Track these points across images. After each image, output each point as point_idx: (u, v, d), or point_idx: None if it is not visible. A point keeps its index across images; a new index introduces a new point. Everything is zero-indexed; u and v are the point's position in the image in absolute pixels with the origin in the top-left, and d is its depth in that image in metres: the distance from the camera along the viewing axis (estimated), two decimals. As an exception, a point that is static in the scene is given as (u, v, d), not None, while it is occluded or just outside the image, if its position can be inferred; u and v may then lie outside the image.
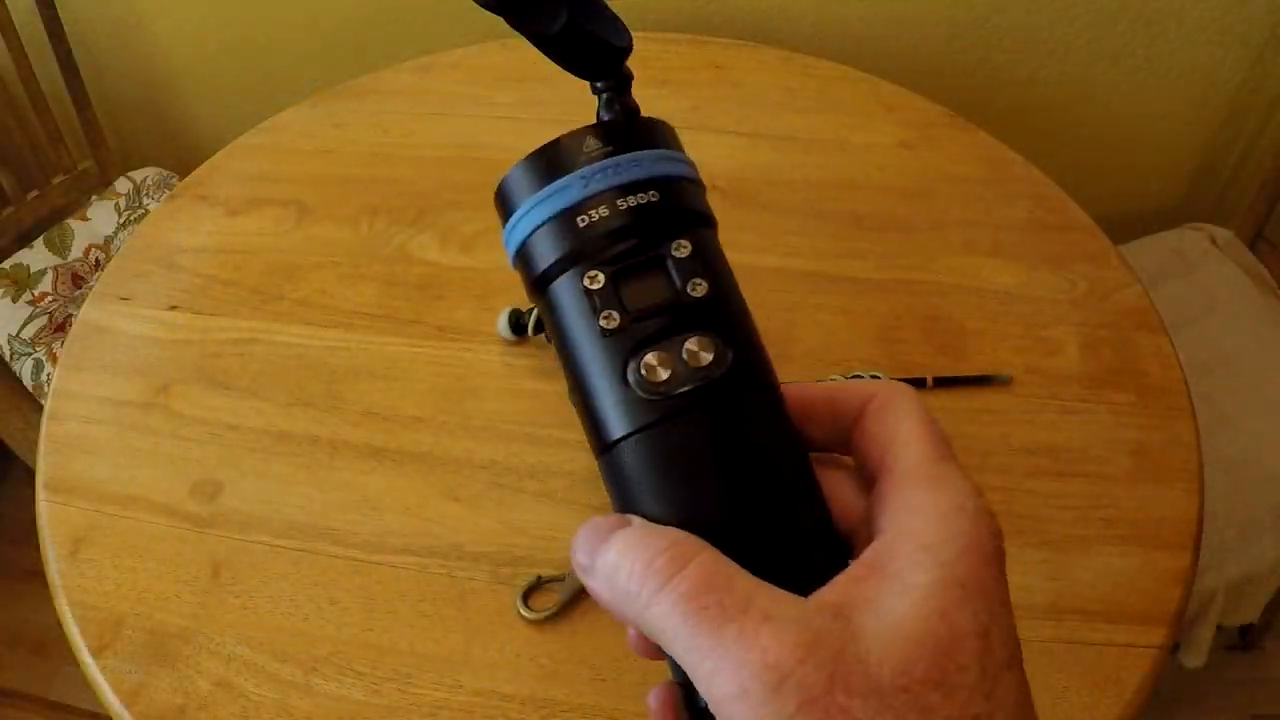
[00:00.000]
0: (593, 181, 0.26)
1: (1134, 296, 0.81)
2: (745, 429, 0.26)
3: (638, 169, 0.26)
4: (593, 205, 0.26)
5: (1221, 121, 1.30)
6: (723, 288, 0.27)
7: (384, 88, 1.07)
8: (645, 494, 0.26)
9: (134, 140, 1.56)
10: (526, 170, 0.27)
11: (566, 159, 0.27)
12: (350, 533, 0.67)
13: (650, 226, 0.26)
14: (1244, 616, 1.06)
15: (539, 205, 0.26)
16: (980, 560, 0.23)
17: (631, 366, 0.25)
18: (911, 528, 0.23)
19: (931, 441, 0.26)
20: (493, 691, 0.59)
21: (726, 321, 0.26)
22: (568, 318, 0.26)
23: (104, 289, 0.86)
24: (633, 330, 0.26)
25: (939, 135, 0.98)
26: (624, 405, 0.26)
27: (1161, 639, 0.61)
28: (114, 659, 0.61)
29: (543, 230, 0.27)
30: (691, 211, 0.27)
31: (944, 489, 0.24)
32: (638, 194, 0.26)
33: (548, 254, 0.26)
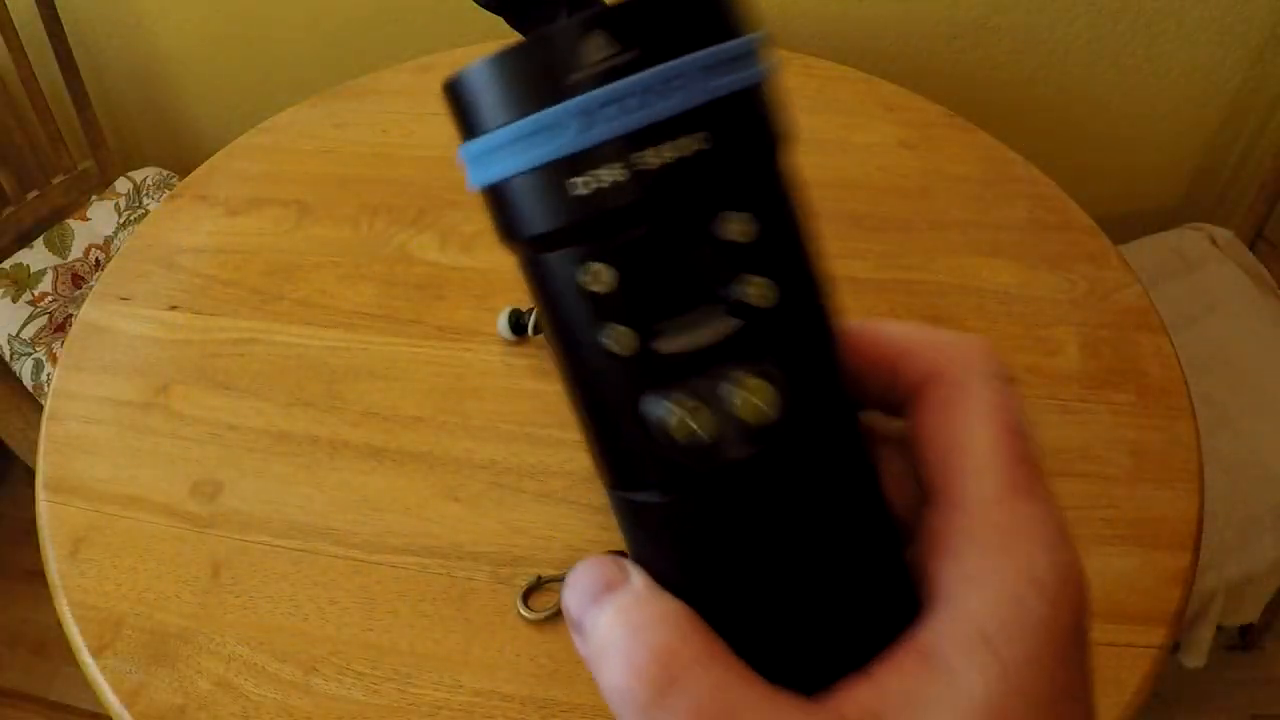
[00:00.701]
0: (599, 119, 0.16)
1: (1134, 296, 0.81)
2: (799, 501, 0.18)
3: (680, 93, 0.17)
4: (597, 161, 0.17)
5: (1221, 121, 1.30)
6: (799, 281, 0.18)
7: (384, 88, 1.07)
8: (652, 554, 0.19)
9: (134, 140, 1.56)
10: (499, 73, 0.17)
11: (560, 69, 0.17)
12: (350, 533, 0.67)
13: (695, 193, 0.17)
14: (1244, 616, 1.06)
15: (514, 144, 0.17)
16: (1055, 659, 0.18)
17: (650, 406, 0.18)
18: (970, 607, 0.18)
19: (1012, 466, 0.19)
20: (493, 691, 0.59)
21: (801, 339, 0.18)
22: (557, 316, 0.18)
23: (104, 289, 0.86)
24: (653, 360, 0.18)
25: (939, 135, 0.98)
26: (635, 456, 0.18)
27: (1161, 639, 0.61)
28: (114, 659, 0.61)
29: (519, 181, 0.18)
30: (761, 152, 0.18)
31: (1016, 551, 0.19)
32: (674, 140, 0.17)
33: (526, 222, 0.18)
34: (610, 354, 0.18)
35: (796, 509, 0.19)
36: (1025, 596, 0.18)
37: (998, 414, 0.20)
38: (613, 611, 0.19)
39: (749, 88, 0.17)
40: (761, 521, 0.18)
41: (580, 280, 0.18)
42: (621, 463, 0.19)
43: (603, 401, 0.19)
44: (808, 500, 0.19)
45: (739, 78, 0.17)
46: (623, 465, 0.19)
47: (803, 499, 0.19)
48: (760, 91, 0.18)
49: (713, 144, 0.17)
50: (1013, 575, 0.18)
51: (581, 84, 0.17)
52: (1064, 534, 0.19)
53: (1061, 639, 0.18)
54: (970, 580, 0.19)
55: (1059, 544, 0.19)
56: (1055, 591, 0.18)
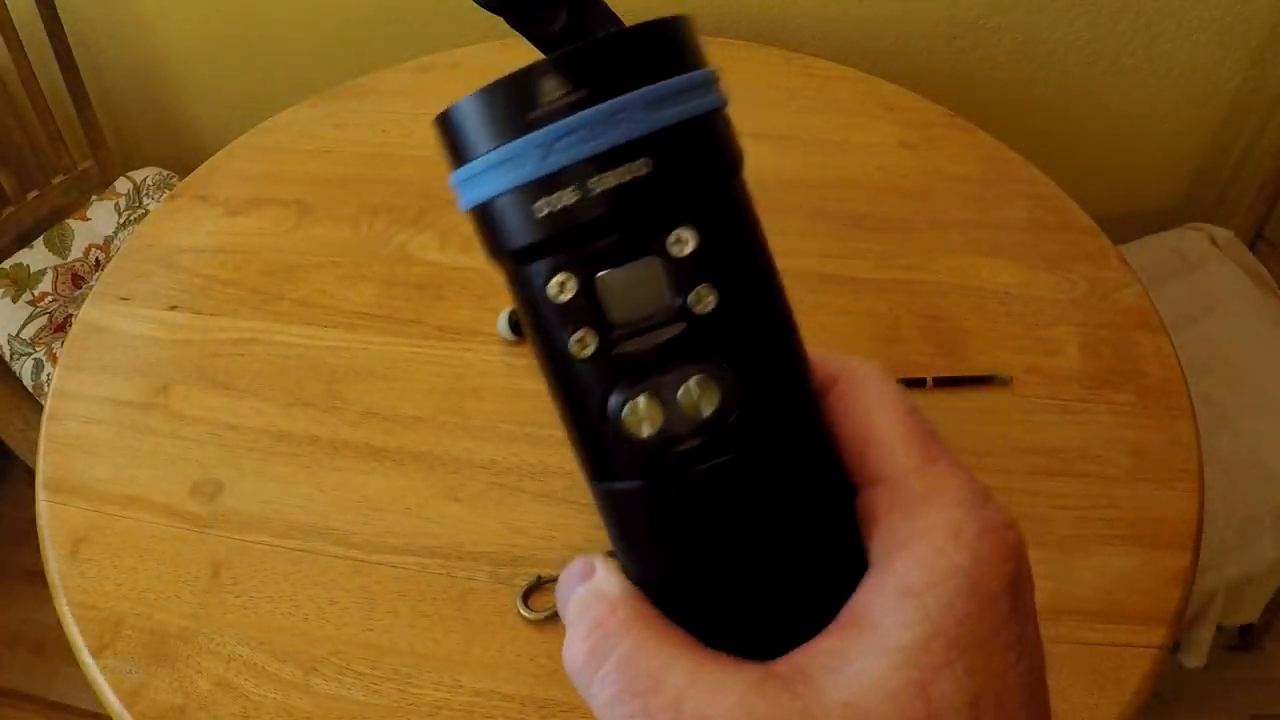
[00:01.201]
0: (554, 151, 0.19)
1: (1134, 296, 0.81)
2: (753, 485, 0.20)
3: (621, 125, 0.19)
4: (556, 185, 0.19)
5: (1221, 121, 1.30)
6: (742, 288, 0.20)
7: (384, 88, 1.07)
8: (625, 540, 0.22)
9: (134, 140, 1.56)
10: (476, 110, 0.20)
11: (522, 106, 0.19)
12: (350, 533, 0.67)
13: (638, 214, 0.19)
14: (1244, 616, 1.06)
15: (489, 171, 0.20)
16: (980, 603, 0.19)
17: (613, 403, 0.20)
18: (896, 567, 0.19)
19: (918, 439, 0.21)
20: (493, 691, 0.59)
21: (745, 339, 0.20)
22: (533, 324, 0.21)
23: (104, 289, 0.86)
24: (613, 360, 0.20)
25: (939, 135, 0.98)
26: (599, 448, 0.21)
27: (1161, 639, 0.61)
28: (114, 659, 0.61)
29: (495, 204, 0.20)
30: (702, 176, 0.20)
31: (936, 510, 0.20)
32: (620, 166, 0.19)
33: (504, 237, 0.20)
34: (574, 357, 0.20)
35: (750, 492, 0.20)
36: (945, 548, 0.19)
37: (895, 400, 0.22)
38: (574, 599, 0.21)
39: (687, 120, 0.20)
40: (718, 506, 0.20)
41: (548, 290, 0.20)
42: (595, 455, 0.21)
43: (574, 399, 0.21)
44: (761, 484, 0.20)
45: (677, 111, 0.19)
46: (596, 457, 0.21)
47: (756, 483, 0.20)
48: (699, 122, 0.20)
49: (654, 168, 0.19)
50: (934, 532, 0.19)
51: (540, 120, 0.19)
52: (983, 494, 0.20)
53: (986, 586, 0.19)
54: (897, 544, 0.20)
55: (977, 501, 0.20)
56: (974, 540, 0.19)
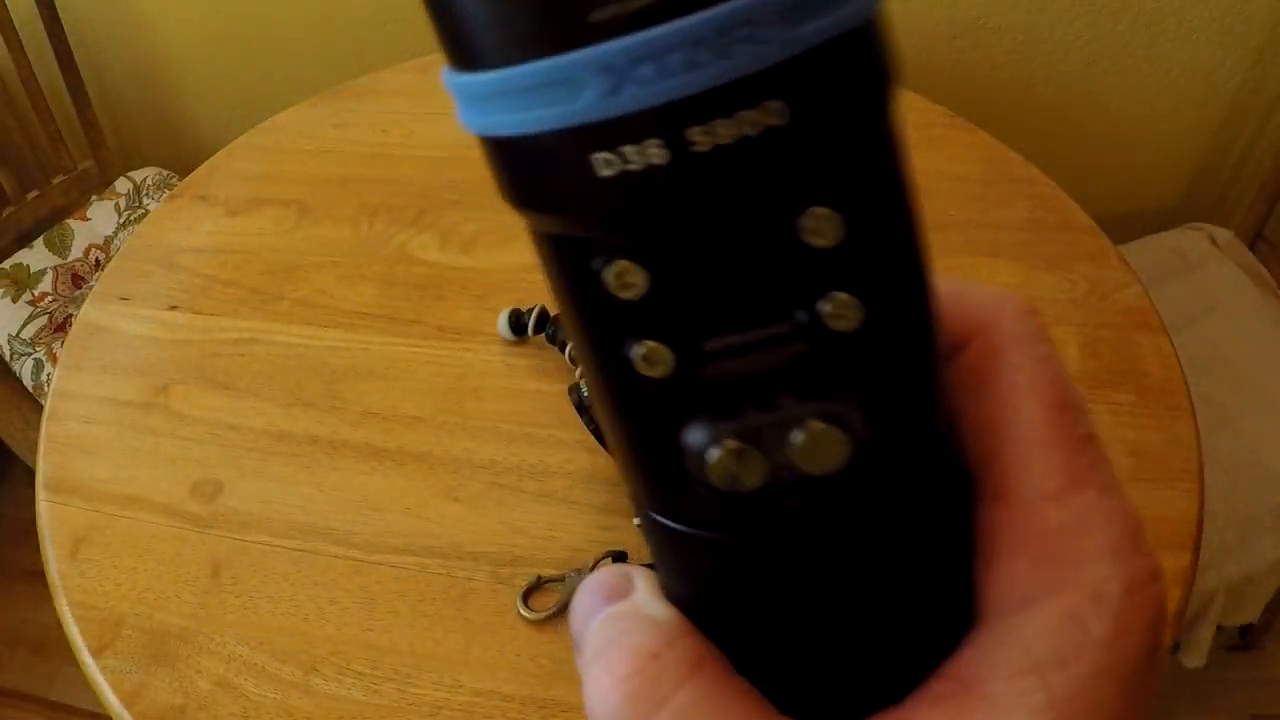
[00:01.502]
0: (629, 81, 0.12)
1: (1134, 296, 0.81)
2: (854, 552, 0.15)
3: (748, 48, 0.11)
4: (627, 135, 0.12)
5: (1221, 121, 1.30)
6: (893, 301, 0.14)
7: (384, 88, 1.07)
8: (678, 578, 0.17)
9: (134, 140, 1.56)
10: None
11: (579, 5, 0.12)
12: (350, 533, 0.67)
13: (761, 187, 0.12)
14: (1244, 616, 1.06)
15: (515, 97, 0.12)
16: (1116, 688, 0.15)
17: (692, 438, 0.14)
18: (1020, 629, 0.15)
19: (1062, 452, 0.16)
20: (493, 691, 0.59)
21: (886, 373, 0.14)
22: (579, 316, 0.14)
23: (104, 289, 0.86)
24: (697, 388, 0.14)
25: (939, 135, 0.98)
26: (665, 489, 0.15)
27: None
28: (114, 659, 0.61)
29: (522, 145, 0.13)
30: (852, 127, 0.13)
31: (1075, 557, 0.16)
32: (734, 114, 0.12)
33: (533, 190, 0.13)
34: (640, 375, 0.14)
35: (856, 552, 0.15)
36: (1085, 615, 0.15)
37: (1043, 387, 0.16)
38: (601, 619, 0.17)
39: (847, 31, 0.12)
40: (808, 569, 0.15)
41: (604, 280, 0.13)
42: (653, 487, 0.16)
43: (632, 423, 0.15)
44: (872, 542, 0.15)
45: (834, 19, 0.12)
46: (654, 490, 0.16)
47: (865, 542, 0.15)
48: (863, 33, 0.12)
49: (789, 118, 0.12)
50: (1072, 589, 0.15)
51: (608, 26, 0.12)
52: (1133, 533, 0.16)
53: (1123, 664, 0.15)
54: (1021, 596, 0.16)
55: (1127, 547, 0.16)
56: (1120, 606, 0.15)
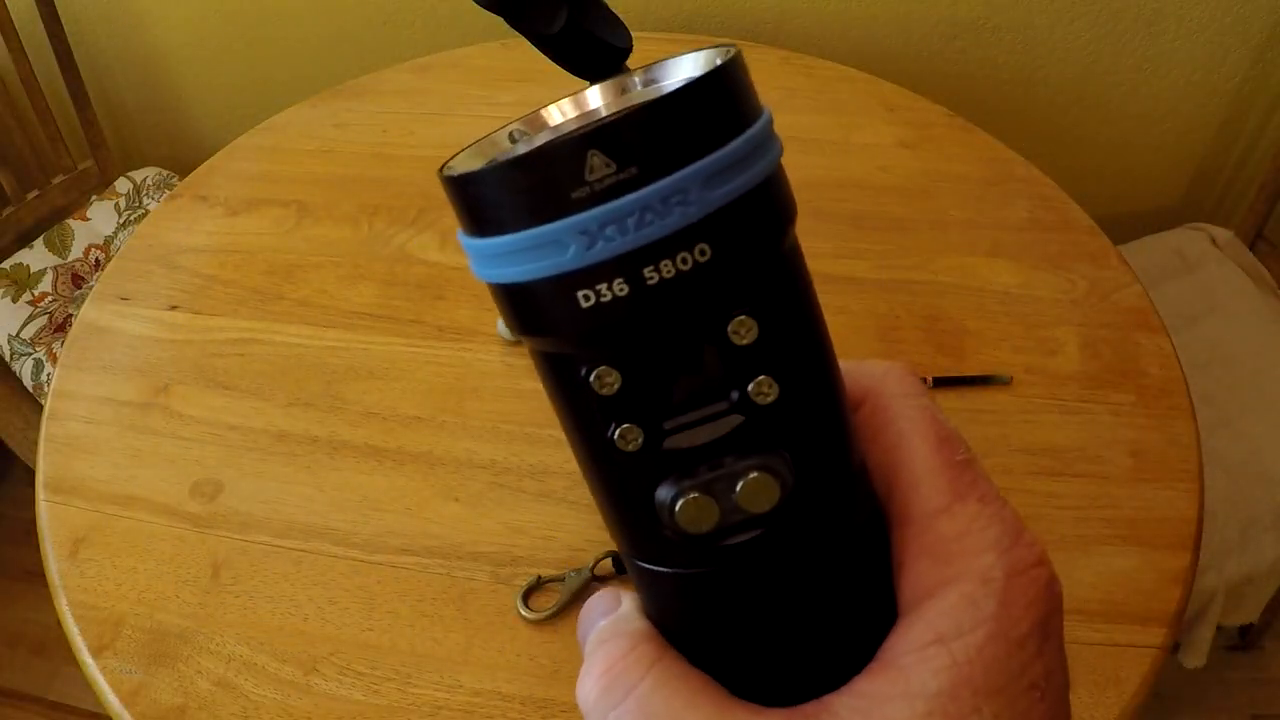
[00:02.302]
0: (600, 239, 0.16)
1: (1134, 296, 0.81)
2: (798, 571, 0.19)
3: (679, 209, 0.16)
4: (599, 278, 0.17)
5: (1221, 121, 1.30)
6: (803, 375, 0.19)
7: (384, 88, 1.07)
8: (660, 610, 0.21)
9: (134, 140, 1.56)
10: (502, 183, 0.17)
11: (560, 186, 0.17)
12: (350, 533, 0.67)
13: (696, 304, 0.17)
14: (1244, 616, 1.06)
15: (517, 255, 0.17)
16: (1007, 648, 0.19)
17: (661, 495, 0.19)
18: (927, 616, 0.19)
19: (947, 475, 0.20)
20: (493, 691, 0.59)
21: (806, 429, 0.19)
22: (568, 411, 0.19)
23: (104, 289, 0.86)
24: (663, 455, 0.18)
25: (939, 135, 0.98)
26: (642, 537, 0.20)
27: (1161, 639, 0.61)
28: (114, 659, 0.61)
29: (521, 289, 0.18)
30: (760, 254, 0.18)
31: (964, 554, 0.20)
32: (678, 255, 0.17)
33: (531, 325, 0.18)
34: (619, 450, 0.18)
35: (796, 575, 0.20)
36: (976, 596, 0.19)
37: (925, 427, 0.21)
38: (595, 631, 0.21)
39: (752, 188, 0.17)
40: (762, 590, 0.19)
41: (589, 382, 0.18)
42: (633, 539, 0.20)
43: (614, 489, 0.20)
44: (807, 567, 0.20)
45: (739, 183, 0.17)
46: (634, 541, 0.20)
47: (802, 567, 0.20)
48: (762, 189, 0.17)
49: (712, 254, 0.17)
50: (964, 578, 0.19)
51: (582, 202, 0.16)
52: (1015, 529, 0.20)
53: (1014, 630, 0.19)
54: (925, 590, 0.20)
55: (1008, 541, 0.20)
56: (1005, 585, 0.19)
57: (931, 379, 0.75)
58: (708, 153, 0.17)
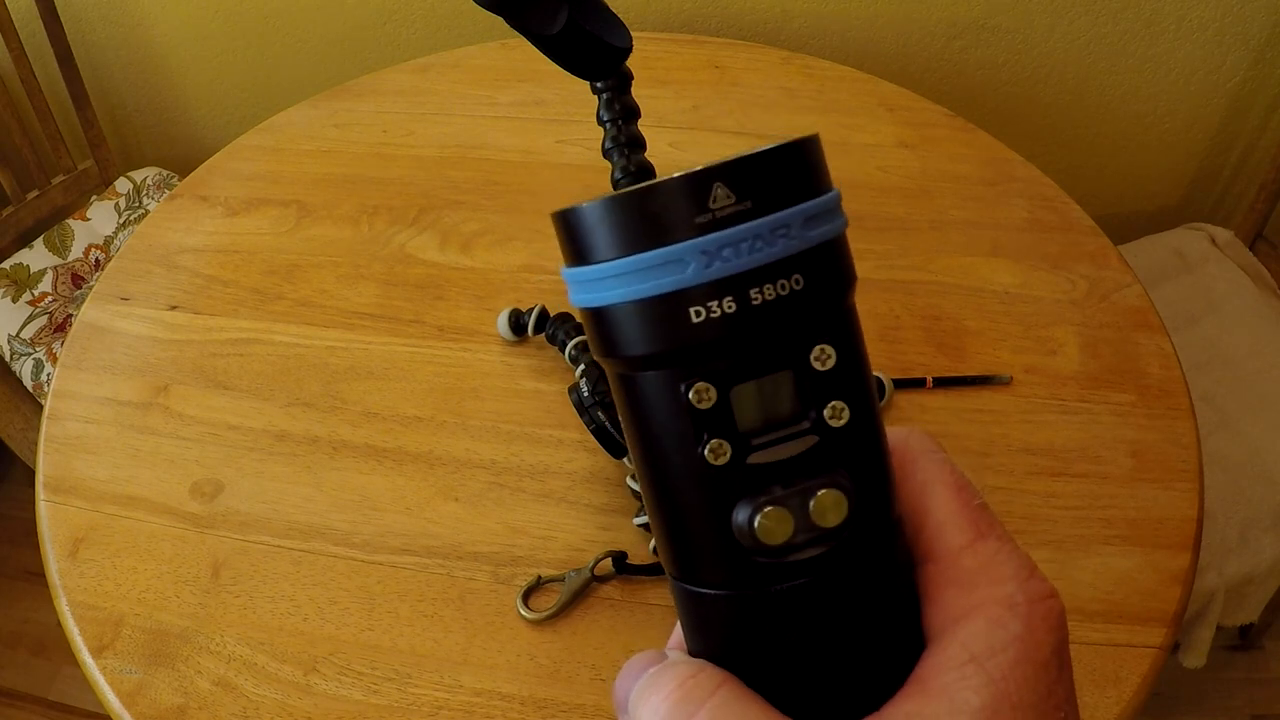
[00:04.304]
0: (718, 259, 0.19)
1: (1134, 296, 0.81)
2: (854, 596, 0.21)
3: (783, 240, 0.19)
4: (713, 294, 0.19)
5: (1221, 121, 1.30)
6: (866, 405, 0.21)
7: (384, 88, 1.07)
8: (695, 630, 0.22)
9: (134, 140, 1.56)
10: (621, 212, 0.20)
11: (684, 212, 0.19)
12: (350, 533, 0.67)
13: (789, 328, 0.20)
14: (1244, 616, 1.06)
15: (633, 274, 0.19)
16: (1035, 668, 0.20)
17: (739, 513, 0.20)
18: (958, 638, 0.21)
19: (969, 517, 0.23)
20: (493, 691, 0.59)
21: (866, 455, 0.21)
22: (655, 425, 0.21)
23: (104, 289, 0.86)
24: (746, 470, 0.20)
25: (939, 135, 0.98)
26: (712, 556, 0.21)
27: (1161, 639, 0.61)
28: (114, 659, 0.61)
29: (633, 307, 0.20)
30: (841, 294, 0.21)
31: (989, 583, 0.22)
32: (778, 281, 0.19)
33: (637, 342, 0.20)
34: (708, 464, 0.20)
35: (847, 596, 0.21)
36: (1003, 619, 0.21)
37: (947, 476, 0.23)
38: (642, 680, 0.22)
39: (833, 238, 0.20)
40: (813, 608, 0.21)
41: (685, 396, 0.20)
42: (695, 560, 0.21)
43: (692, 506, 0.21)
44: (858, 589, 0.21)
45: (828, 229, 0.20)
46: (696, 562, 0.21)
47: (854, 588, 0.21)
48: (840, 240, 0.21)
49: (804, 285, 0.19)
50: (990, 604, 0.21)
51: (705, 226, 0.19)
52: (1029, 565, 0.22)
53: (1039, 651, 0.21)
54: (954, 617, 0.21)
55: (1025, 574, 0.22)
56: (1028, 611, 0.21)
57: (931, 379, 0.75)
58: (807, 199, 0.20)
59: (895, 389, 0.74)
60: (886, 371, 0.75)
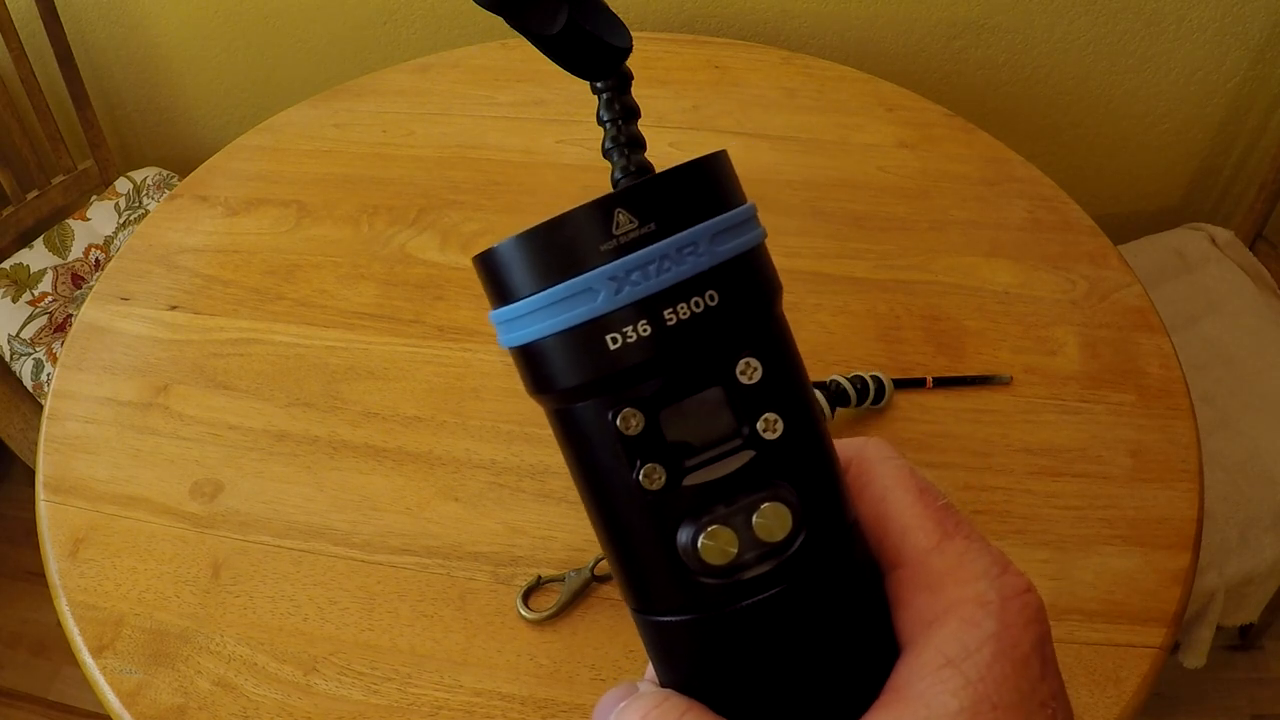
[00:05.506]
0: (627, 284, 0.19)
1: (1134, 296, 0.81)
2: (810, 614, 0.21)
3: (691, 259, 0.19)
4: (626, 320, 0.19)
5: (1221, 121, 1.30)
6: (801, 414, 0.21)
7: (384, 88, 1.07)
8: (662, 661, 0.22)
9: (134, 140, 1.56)
10: (531, 247, 0.20)
11: (588, 242, 0.19)
12: (350, 533, 0.67)
13: (708, 344, 0.19)
14: (1244, 616, 1.06)
15: (549, 309, 0.19)
16: (1014, 665, 0.20)
17: (682, 535, 0.20)
18: (932, 641, 0.20)
19: (933, 519, 0.22)
20: (493, 691, 0.59)
21: (806, 464, 0.21)
22: (590, 457, 0.20)
23: (104, 289, 0.86)
24: (684, 493, 0.20)
25: (939, 135, 0.98)
26: (665, 582, 0.21)
27: (1161, 639, 0.61)
28: (114, 659, 0.61)
29: (553, 341, 0.20)
30: (761, 305, 0.20)
31: (958, 583, 0.21)
32: (692, 299, 0.19)
33: (561, 376, 0.20)
34: (644, 490, 0.20)
35: (807, 611, 0.21)
36: (976, 618, 0.20)
37: (906, 480, 0.23)
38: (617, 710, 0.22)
39: (747, 251, 0.20)
40: (776, 628, 0.20)
41: (614, 424, 0.20)
42: (649, 589, 0.21)
43: (636, 534, 0.21)
44: (818, 602, 0.21)
45: (740, 242, 0.20)
46: (650, 591, 0.21)
47: (813, 601, 0.21)
48: (756, 252, 0.21)
49: (720, 300, 0.19)
50: (962, 605, 0.21)
51: (610, 253, 0.19)
52: (1001, 561, 0.21)
53: (1017, 648, 0.20)
54: (927, 621, 0.21)
55: (997, 570, 0.21)
56: (1001, 607, 0.20)
57: (931, 379, 0.75)
58: (712, 215, 0.20)
59: (895, 389, 0.74)
60: (886, 371, 0.75)
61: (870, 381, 0.72)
